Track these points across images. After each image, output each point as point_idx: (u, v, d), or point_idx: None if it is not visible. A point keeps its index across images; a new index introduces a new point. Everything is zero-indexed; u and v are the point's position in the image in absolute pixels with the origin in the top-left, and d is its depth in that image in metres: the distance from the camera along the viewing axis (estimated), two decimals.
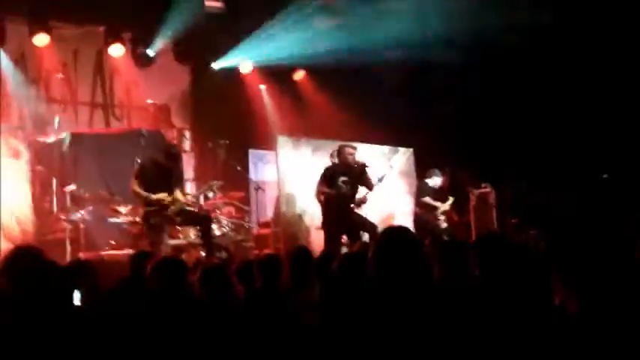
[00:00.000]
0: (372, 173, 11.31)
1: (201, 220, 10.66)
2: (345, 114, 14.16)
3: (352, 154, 11.09)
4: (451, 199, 13.15)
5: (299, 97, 15.49)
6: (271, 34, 13.99)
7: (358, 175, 11.08)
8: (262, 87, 15.29)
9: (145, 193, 9.98)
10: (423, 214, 12.94)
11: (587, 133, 13.23)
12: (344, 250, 10.16)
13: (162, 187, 10.13)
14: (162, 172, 10.18)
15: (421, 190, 13.05)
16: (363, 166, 11.07)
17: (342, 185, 10.96)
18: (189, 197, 10.70)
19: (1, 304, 3.79)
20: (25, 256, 4.89)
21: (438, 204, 12.97)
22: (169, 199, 10.08)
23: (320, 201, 11.25)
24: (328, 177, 11.06)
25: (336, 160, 11.33)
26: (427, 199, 12.91)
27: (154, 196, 9.99)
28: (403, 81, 14.14)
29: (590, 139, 13.20)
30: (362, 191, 11.35)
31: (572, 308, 3.53)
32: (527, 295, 3.90)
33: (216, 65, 14.73)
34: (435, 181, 13.07)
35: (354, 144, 11.45)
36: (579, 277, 3.59)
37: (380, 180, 11.89)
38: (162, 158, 10.22)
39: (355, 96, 13.97)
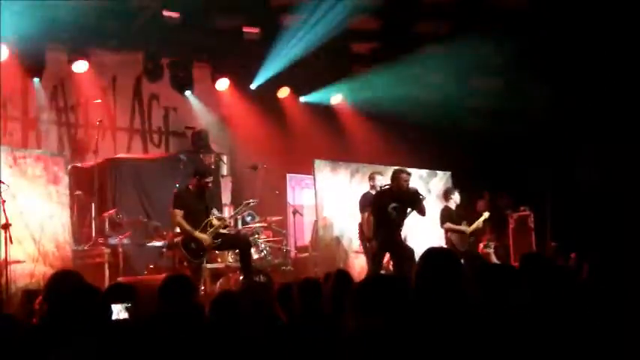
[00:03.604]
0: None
1: (241, 244, 10.60)
2: (382, 137, 14.13)
3: (407, 180, 10.74)
4: (485, 215, 12.30)
5: (337, 121, 15.51)
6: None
7: (411, 202, 10.71)
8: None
9: (189, 229, 9.93)
10: (453, 238, 12.12)
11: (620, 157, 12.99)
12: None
13: (201, 211, 10.11)
14: (200, 195, 10.16)
15: (442, 217, 12.22)
16: (417, 193, 10.71)
17: (392, 212, 10.58)
18: (225, 221, 10.53)
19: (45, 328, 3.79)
20: (64, 280, 4.90)
21: (462, 228, 12.11)
22: (210, 241, 10.03)
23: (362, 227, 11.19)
24: (378, 203, 10.76)
25: (381, 185, 11.18)
26: (448, 225, 12.08)
27: (197, 235, 9.96)
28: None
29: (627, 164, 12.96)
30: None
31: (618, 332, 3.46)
32: (576, 319, 3.81)
33: (253, 86, 14.77)
34: (455, 199, 12.29)
35: (408, 169, 11.08)
36: (623, 301, 3.52)
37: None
38: (197, 181, 10.18)
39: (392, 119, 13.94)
